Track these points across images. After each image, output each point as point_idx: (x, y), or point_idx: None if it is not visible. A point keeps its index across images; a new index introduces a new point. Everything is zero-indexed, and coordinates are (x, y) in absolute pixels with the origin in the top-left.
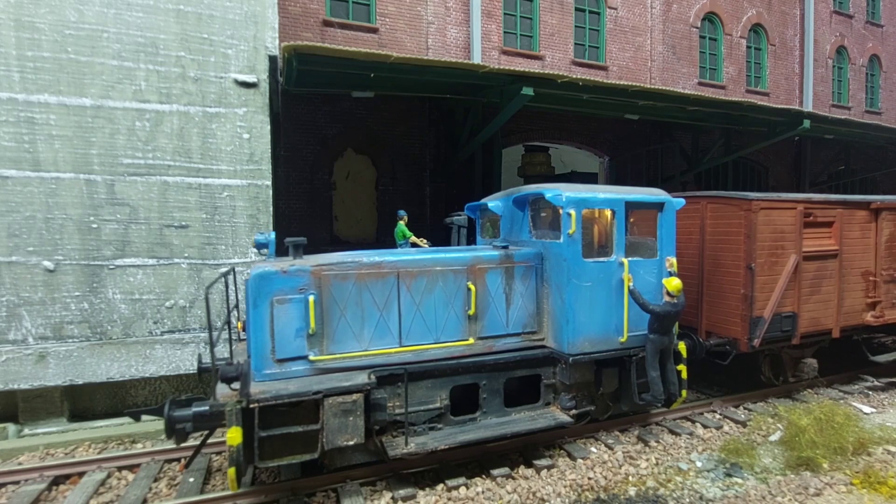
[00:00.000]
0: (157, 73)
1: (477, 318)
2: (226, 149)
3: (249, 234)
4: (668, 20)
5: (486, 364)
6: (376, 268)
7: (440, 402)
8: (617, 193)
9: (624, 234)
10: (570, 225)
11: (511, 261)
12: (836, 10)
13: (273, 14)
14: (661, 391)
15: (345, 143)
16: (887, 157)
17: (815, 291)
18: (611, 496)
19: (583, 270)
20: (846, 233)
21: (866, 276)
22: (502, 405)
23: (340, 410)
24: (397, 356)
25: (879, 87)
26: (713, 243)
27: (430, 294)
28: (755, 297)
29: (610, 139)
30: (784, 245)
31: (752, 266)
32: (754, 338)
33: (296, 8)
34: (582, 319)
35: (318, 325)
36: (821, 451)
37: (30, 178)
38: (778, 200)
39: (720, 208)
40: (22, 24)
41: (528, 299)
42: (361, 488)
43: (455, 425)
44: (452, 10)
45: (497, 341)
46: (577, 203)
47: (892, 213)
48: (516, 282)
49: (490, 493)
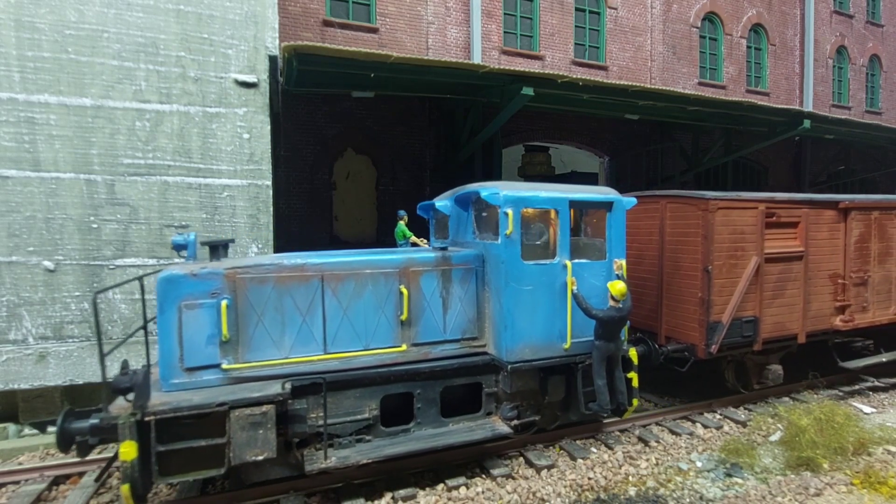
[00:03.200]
0: (158, 73)
1: (410, 323)
2: (226, 149)
3: (250, 234)
4: (668, 20)
5: (421, 372)
6: (298, 271)
7: (369, 413)
8: (560, 192)
9: (568, 234)
10: (507, 225)
11: (448, 263)
12: (836, 10)
13: (273, 14)
14: (607, 401)
15: (345, 143)
16: (887, 157)
17: (778, 295)
18: (611, 496)
19: (522, 273)
20: (813, 233)
21: (835, 279)
22: (439, 415)
23: (248, 423)
24: (322, 364)
25: (879, 87)
26: (672, 245)
27: (359, 298)
28: (712, 301)
29: (610, 139)
30: (744, 246)
31: (709, 268)
32: (711, 344)
33: (296, 8)
34: (522, 325)
35: (231, 332)
36: (821, 451)
37: (30, 178)
38: (737, 200)
39: (679, 208)
40: (22, 24)
41: (468, 304)
42: (361, 488)
43: (386, 437)
44: (452, 10)
45: (433, 348)
46: (515, 202)
47: (861, 213)
48: (454, 285)
49: (490, 493)
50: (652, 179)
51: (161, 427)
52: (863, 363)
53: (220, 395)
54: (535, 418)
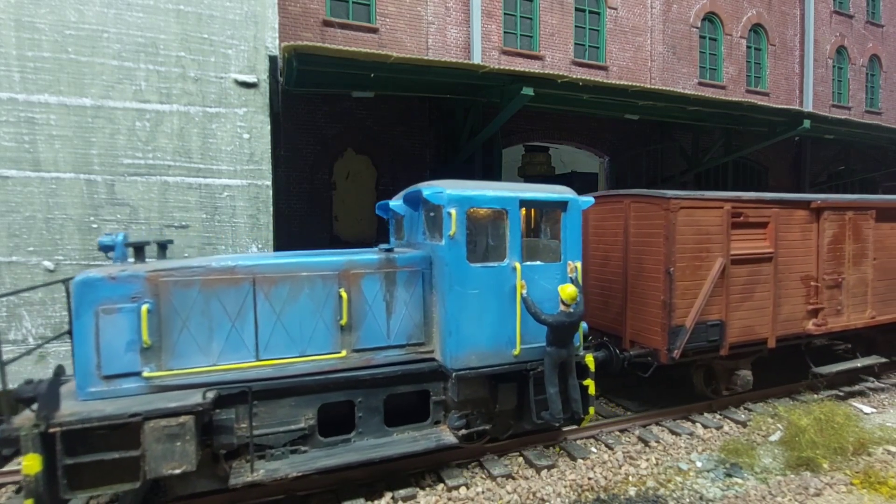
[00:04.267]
0: (158, 73)
1: (351, 328)
2: (226, 149)
3: (250, 234)
4: (668, 20)
5: (362, 379)
6: (227, 273)
7: (305, 423)
8: (510, 191)
9: (519, 235)
10: (451, 226)
11: (393, 265)
12: (836, 10)
13: (273, 14)
14: (559, 409)
15: (345, 143)
16: (887, 157)
17: (746, 298)
18: (611, 496)
19: (467, 276)
20: (783, 234)
21: (807, 281)
22: (382, 424)
23: (165, 435)
24: (254, 372)
25: (879, 87)
26: (637, 245)
27: (294, 302)
28: (675, 304)
29: (610, 139)
30: (709, 247)
31: (671, 270)
32: (674, 349)
33: (296, 8)
34: (467, 331)
35: (153, 338)
36: (821, 451)
37: (30, 178)
38: (701, 199)
39: (643, 208)
40: (22, 24)
41: (414, 308)
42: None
43: (324, 448)
44: (452, 10)
45: (376, 354)
46: (460, 201)
47: (835, 213)
48: (399, 288)
49: (490, 493)
50: (652, 179)
51: (70, 439)
52: (836, 369)
53: (137, 405)
54: (486, 427)
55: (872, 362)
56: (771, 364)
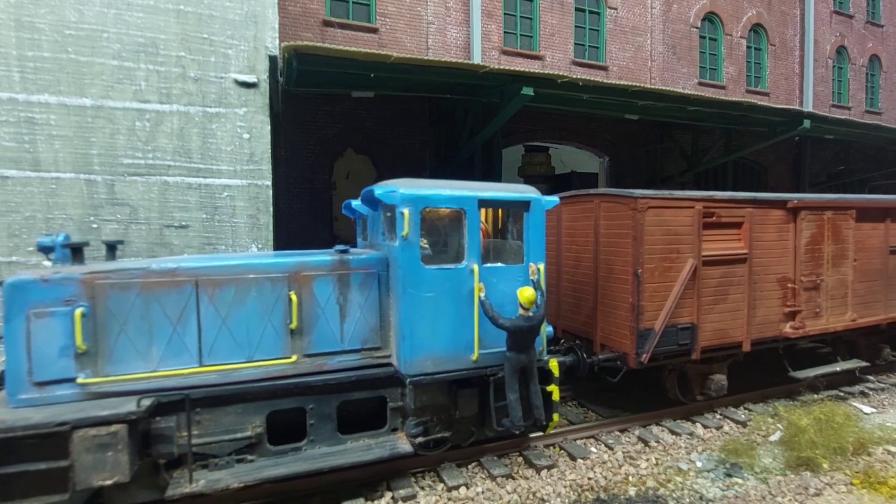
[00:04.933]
0: (158, 73)
1: (302, 332)
2: (226, 149)
3: (250, 234)
4: (668, 20)
5: (313, 385)
6: (169, 275)
7: (252, 431)
8: (469, 190)
9: (477, 236)
10: (404, 226)
11: (346, 267)
12: (836, 10)
13: (273, 14)
14: (520, 416)
15: (345, 143)
16: (887, 157)
17: (719, 300)
18: (611, 496)
19: (422, 279)
20: (758, 234)
21: (784, 283)
22: (335, 432)
23: (95, 444)
24: (198, 378)
25: (879, 87)
26: (607, 246)
27: (241, 306)
28: (643, 307)
29: (610, 139)
30: (680, 248)
31: (639, 272)
32: (642, 353)
33: (296, 8)
34: (423, 335)
35: (89, 343)
36: (821, 451)
37: (30, 178)
38: (670, 199)
39: (612, 208)
40: (22, 24)
41: (370, 311)
42: (361, 488)
43: (272, 456)
44: (452, 10)
45: (329, 359)
46: (414, 201)
47: (812, 213)
48: (353, 291)
49: (490, 493)
50: (652, 179)
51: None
52: (814, 373)
53: (68, 413)
54: (446, 435)
55: (853, 366)
56: (755, 367)
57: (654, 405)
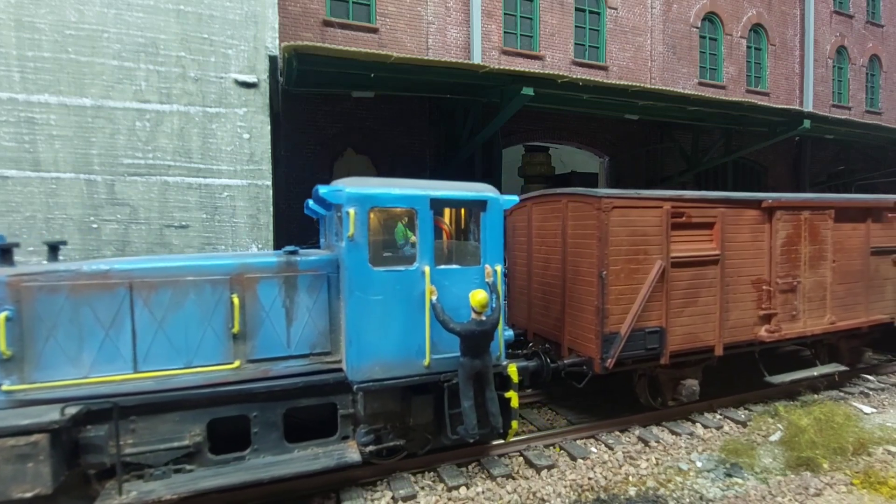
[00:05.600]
0: (158, 73)
1: (245, 337)
2: (226, 149)
3: (250, 234)
4: (668, 20)
5: (257, 392)
6: (100, 278)
7: (190, 440)
8: (421, 189)
9: (430, 237)
10: (350, 226)
11: (294, 269)
12: (836, 10)
13: (273, 14)
14: (474, 424)
15: (345, 143)
16: (887, 158)
17: (689, 303)
18: (611, 496)
19: (370, 281)
20: (731, 235)
21: (758, 285)
22: (281, 440)
23: (14, 455)
24: (132, 384)
25: (879, 87)
26: (574, 248)
27: (179, 309)
28: (608, 311)
29: (610, 139)
30: (647, 249)
31: (603, 274)
32: (607, 357)
33: (296, 8)
34: (370, 340)
35: (14, 348)
36: (821, 451)
37: (30, 178)
38: (637, 198)
39: (578, 208)
40: (22, 24)
41: (319, 314)
42: (362, 488)
43: (214, 466)
44: (452, 10)
45: (275, 364)
46: (360, 200)
47: (788, 212)
48: (301, 294)
49: (490, 493)
50: (652, 179)
51: None
52: (789, 378)
53: None
54: (400, 443)
55: (831, 370)
56: (737, 370)
57: (627, 410)
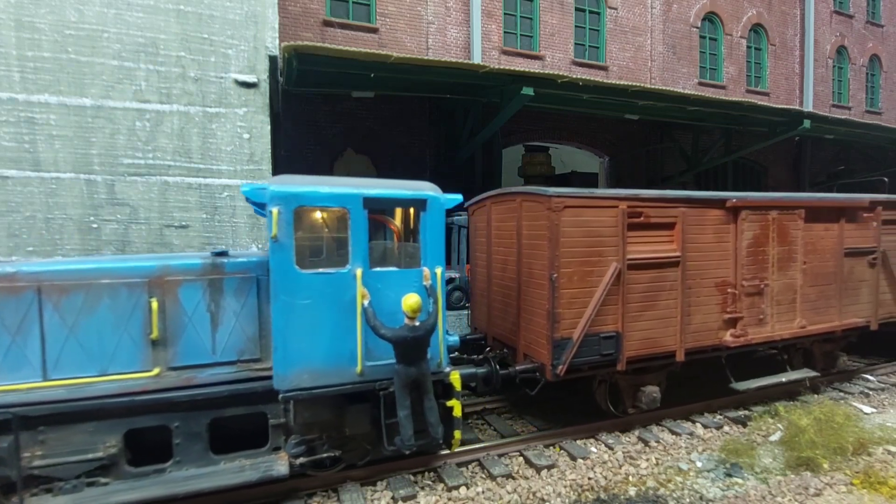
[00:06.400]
0: (158, 73)
1: (166, 343)
2: (226, 149)
3: (250, 234)
4: (668, 20)
5: (178, 401)
6: (6, 280)
7: (104, 451)
8: (353, 187)
9: (364, 238)
10: (273, 226)
11: (220, 271)
12: (836, 10)
13: (273, 14)
14: (410, 435)
15: (345, 143)
16: (887, 158)
17: (648, 307)
18: (611, 496)
19: (297, 284)
20: (693, 236)
21: (723, 288)
22: (206, 452)
23: None
24: (41, 393)
25: (880, 87)
26: (527, 249)
27: (92, 314)
28: (559, 315)
29: (610, 139)
30: (602, 251)
31: (554, 277)
32: (558, 364)
33: (296, 8)
34: (298, 346)
35: None
36: (821, 451)
37: (30, 178)
38: (590, 197)
39: (532, 207)
40: (22, 24)
41: (248, 319)
42: (362, 488)
43: (131, 479)
44: (452, 10)
45: (199, 372)
46: (286, 199)
47: (755, 212)
48: (227, 298)
49: (490, 493)
50: (652, 179)
51: None
52: (755, 384)
53: None
54: (335, 454)
55: (801, 376)
56: (714, 375)
57: (585, 418)
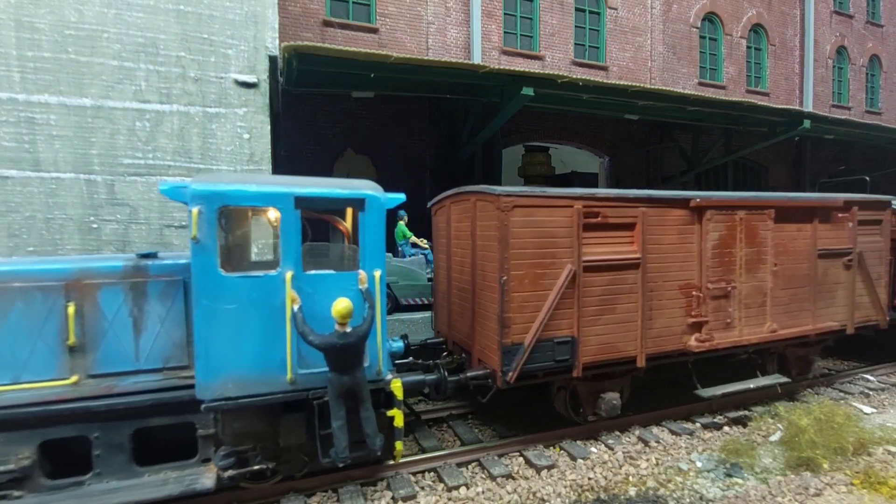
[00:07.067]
0: (158, 73)
1: (84, 350)
2: (226, 149)
3: None
4: (668, 20)
5: (99, 411)
6: None
7: (16, 464)
8: (283, 186)
9: (296, 239)
10: (193, 227)
11: (143, 274)
12: (836, 10)
13: (273, 14)
14: (344, 447)
15: (345, 143)
16: (887, 158)
17: (606, 310)
18: (611, 496)
19: (221, 288)
20: (655, 237)
21: (687, 291)
22: (129, 464)
23: None
24: None
25: (879, 87)
26: (481, 250)
27: (3, 319)
28: (509, 319)
29: (610, 139)
30: (556, 253)
31: (503, 279)
32: (508, 370)
33: (296, 8)
34: (222, 353)
35: None
36: (821, 451)
37: (30, 178)
38: (543, 196)
39: (483, 207)
40: (22, 25)
41: (174, 324)
42: (362, 488)
43: (47, 492)
44: (452, 11)
45: (121, 380)
46: (208, 197)
47: (720, 212)
48: (152, 302)
49: (490, 493)
50: (652, 179)
51: None
52: (721, 391)
53: None
54: (269, 466)
55: (772, 382)
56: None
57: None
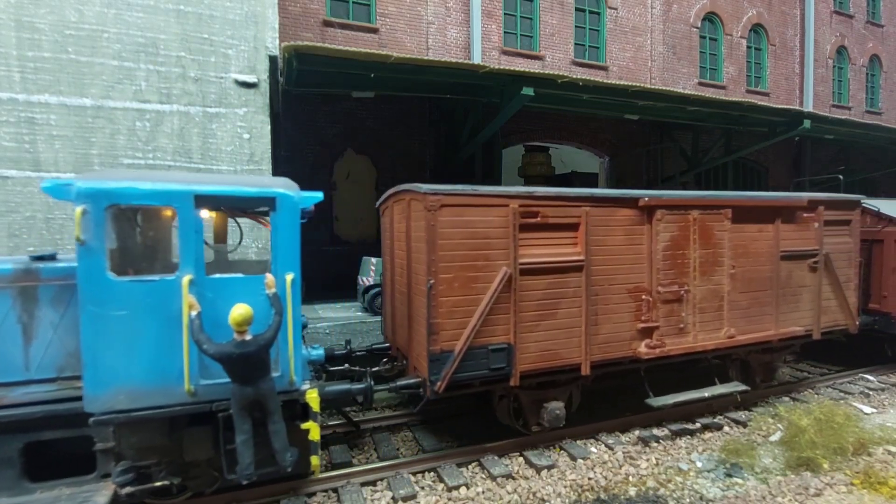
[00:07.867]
0: (158, 73)
1: None
2: (226, 149)
3: (250, 234)
4: (668, 20)
5: None
6: None
7: None
8: (183, 183)
9: (196, 240)
10: (76, 227)
11: (34, 278)
12: (836, 10)
13: (273, 14)
14: (248, 463)
15: (345, 143)
16: (887, 158)
17: (546, 316)
18: (611, 496)
19: (110, 293)
20: (600, 238)
21: (636, 295)
22: (19, 479)
23: None
24: None
25: (880, 87)
26: (414, 252)
27: None
28: (438, 325)
29: (610, 139)
30: (489, 255)
31: (431, 283)
32: (437, 380)
33: (296, 8)
34: (112, 363)
35: None
36: (821, 451)
37: (30, 178)
38: (474, 195)
39: (416, 206)
40: (22, 25)
41: (68, 332)
42: (362, 488)
43: None
44: (452, 11)
45: (9, 391)
46: (95, 196)
47: (672, 212)
48: (43, 307)
49: (490, 493)
50: (652, 179)
51: None
52: (673, 400)
53: None
54: (174, 481)
55: (729, 391)
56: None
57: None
